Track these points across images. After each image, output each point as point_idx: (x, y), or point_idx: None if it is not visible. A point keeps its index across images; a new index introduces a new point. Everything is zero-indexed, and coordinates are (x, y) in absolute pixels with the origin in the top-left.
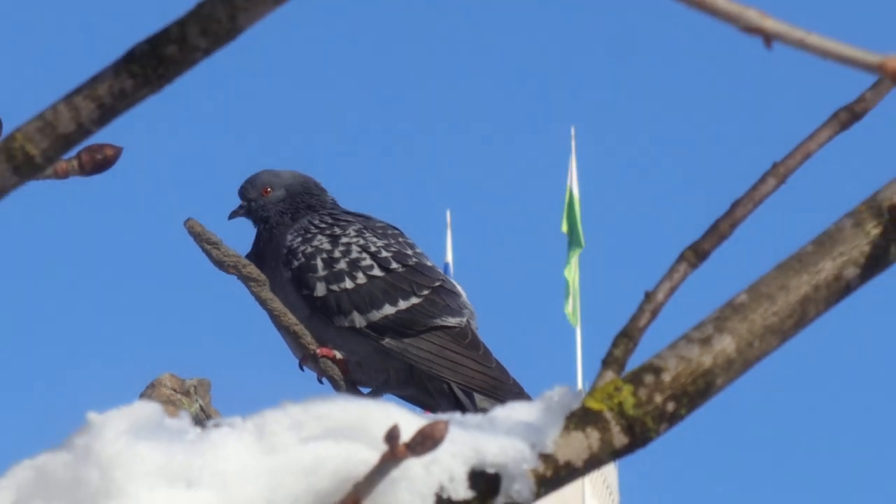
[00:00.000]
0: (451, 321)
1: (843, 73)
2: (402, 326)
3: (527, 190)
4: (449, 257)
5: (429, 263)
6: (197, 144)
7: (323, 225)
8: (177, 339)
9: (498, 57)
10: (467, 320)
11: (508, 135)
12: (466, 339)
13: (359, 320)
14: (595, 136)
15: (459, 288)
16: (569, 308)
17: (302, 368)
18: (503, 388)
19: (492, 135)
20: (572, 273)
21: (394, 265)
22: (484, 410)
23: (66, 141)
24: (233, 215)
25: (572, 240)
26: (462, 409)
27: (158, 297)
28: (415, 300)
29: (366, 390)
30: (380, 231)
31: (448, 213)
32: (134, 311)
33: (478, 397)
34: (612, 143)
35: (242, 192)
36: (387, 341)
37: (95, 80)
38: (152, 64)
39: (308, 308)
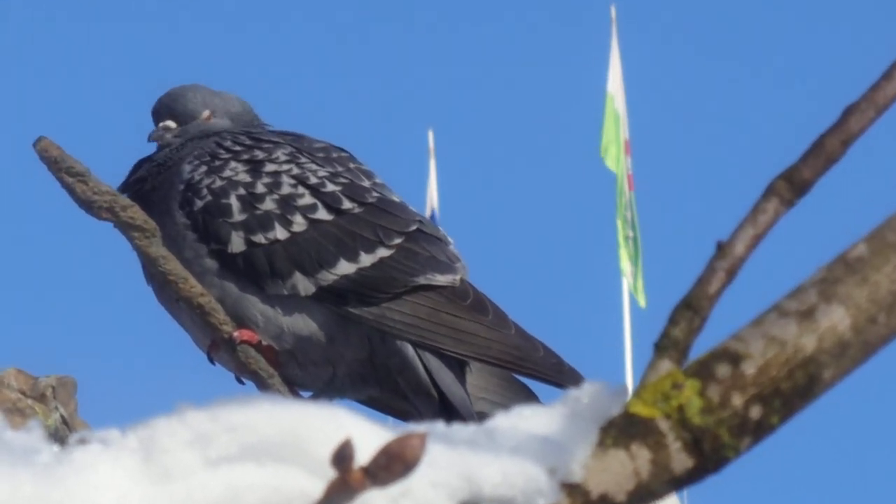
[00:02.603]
0: (441, 279)
1: None
2: (369, 289)
3: (544, 98)
4: (433, 199)
5: (396, 199)
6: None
7: (238, 147)
8: (26, 320)
9: None
10: (462, 276)
11: (516, 15)
12: (466, 300)
13: (304, 284)
14: (645, 19)
15: (443, 232)
16: (627, 273)
17: (212, 361)
18: (532, 361)
19: (487, 15)
20: (626, 221)
21: (347, 204)
22: (482, 418)
23: None
24: (158, 138)
25: (618, 170)
26: (449, 414)
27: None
28: (383, 252)
29: (308, 394)
30: (321, 155)
31: (430, 135)
32: None
33: (476, 392)
34: (669, 28)
35: (167, 110)
36: (351, 308)
37: None
38: None
39: (220, 269)
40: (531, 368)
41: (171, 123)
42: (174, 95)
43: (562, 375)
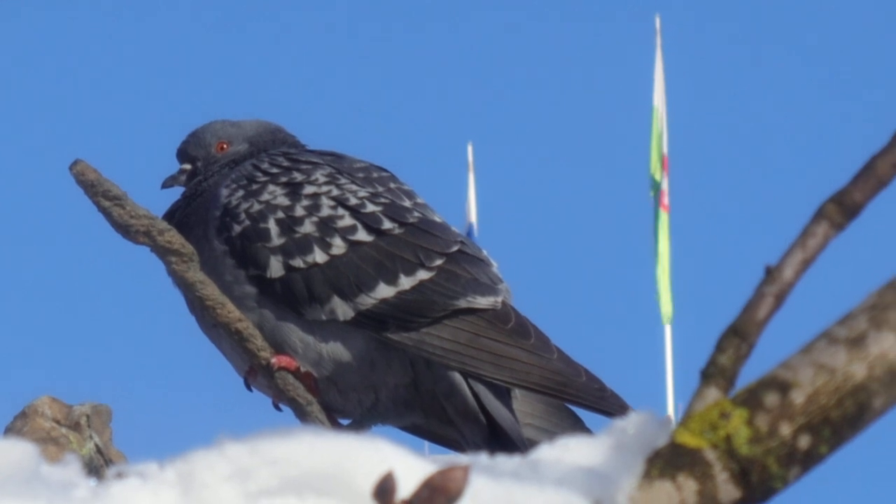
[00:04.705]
0: (482, 301)
1: None
2: (408, 314)
3: (586, 111)
4: (472, 214)
5: (437, 219)
6: (103, 69)
7: (275, 170)
8: (61, 346)
9: None
10: (504, 299)
11: (559, 23)
12: (508, 324)
13: (343, 309)
14: (691, 28)
15: (486, 253)
16: (662, 291)
17: (249, 388)
18: (574, 387)
19: (531, 23)
20: (663, 240)
21: (387, 224)
22: (530, 446)
23: None
24: (170, 183)
25: (656, 185)
26: (498, 439)
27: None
28: (424, 274)
29: (347, 421)
30: (361, 175)
31: (469, 149)
32: None
33: (523, 418)
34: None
35: (185, 151)
36: (391, 334)
37: None
38: None
39: (258, 295)
40: (573, 395)
41: (186, 166)
42: (187, 137)
43: (604, 402)
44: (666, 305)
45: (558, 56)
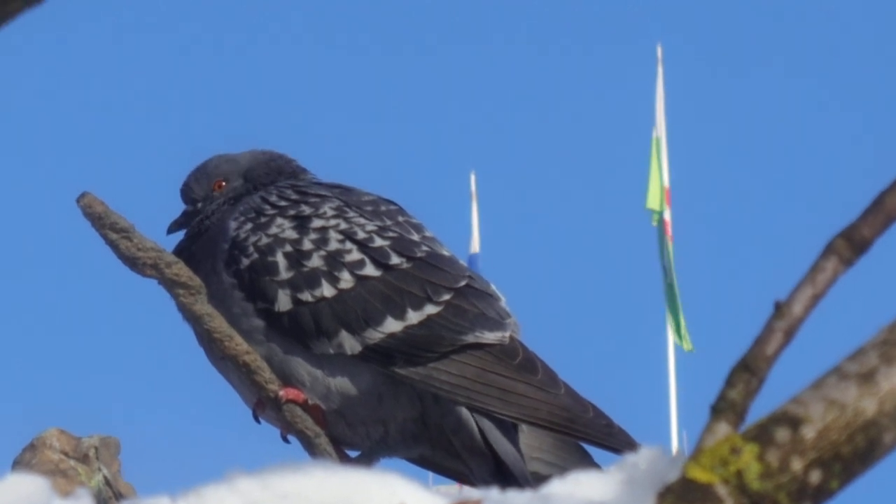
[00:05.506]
0: (490, 336)
1: None
2: (415, 348)
3: (588, 140)
4: (475, 244)
5: (445, 253)
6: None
7: (283, 203)
8: (68, 379)
9: None
10: (511, 333)
11: (561, 53)
12: (516, 359)
13: (350, 343)
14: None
15: (494, 288)
16: (679, 322)
17: (257, 420)
18: (582, 423)
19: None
20: (670, 270)
21: (395, 259)
22: (539, 481)
23: None
24: (174, 228)
25: (656, 215)
26: (503, 474)
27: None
28: (431, 309)
29: (355, 453)
30: (369, 209)
31: (472, 178)
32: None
33: (530, 452)
34: (717, 68)
35: (186, 193)
36: (398, 369)
37: None
38: None
39: (266, 328)
40: (580, 431)
41: (189, 208)
42: (187, 179)
43: (612, 438)
44: (684, 334)
45: (561, 85)
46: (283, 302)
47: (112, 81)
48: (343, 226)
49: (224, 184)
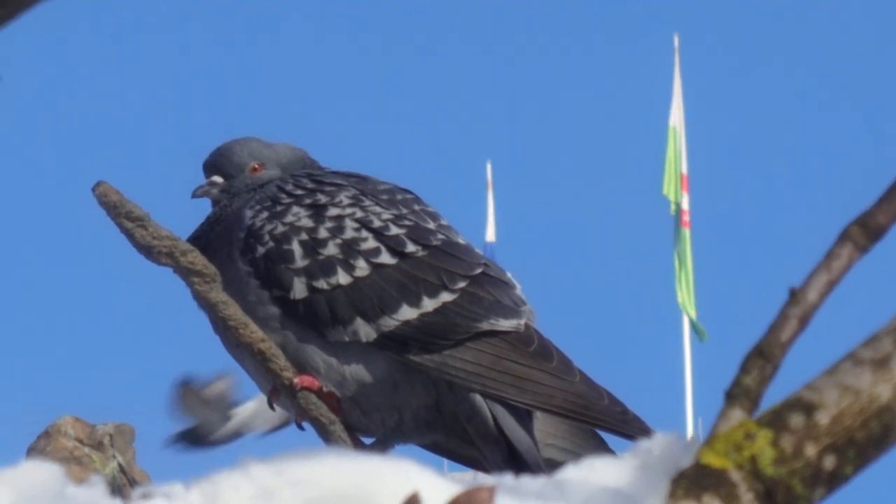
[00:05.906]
0: (505, 324)
1: None
2: (430, 336)
3: (604, 129)
4: (490, 233)
5: (461, 241)
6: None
7: (299, 191)
8: (83, 365)
9: None
10: (527, 321)
11: (578, 43)
12: (531, 346)
13: (365, 331)
14: (709, 47)
15: (509, 276)
16: (689, 309)
17: (272, 407)
18: (597, 410)
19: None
20: (686, 258)
21: (411, 247)
22: (554, 467)
23: None
24: (201, 193)
25: (671, 203)
26: (517, 461)
27: (54, 300)
28: (447, 296)
29: (370, 440)
30: (385, 197)
31: (489, 167)
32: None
33: (544, 439)
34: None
35: (215, 165)
36: (413, 356)
37: None
38: None
39: (282, 316)
40: (595, 418)
41: (217, 178)
42: (221, 150)
43: (626, 425)
44: (697, 322)
45: (578, 75)
46: (299, 290)
47: (124, 75)
48: (359, 214)
49: (260, 168)
